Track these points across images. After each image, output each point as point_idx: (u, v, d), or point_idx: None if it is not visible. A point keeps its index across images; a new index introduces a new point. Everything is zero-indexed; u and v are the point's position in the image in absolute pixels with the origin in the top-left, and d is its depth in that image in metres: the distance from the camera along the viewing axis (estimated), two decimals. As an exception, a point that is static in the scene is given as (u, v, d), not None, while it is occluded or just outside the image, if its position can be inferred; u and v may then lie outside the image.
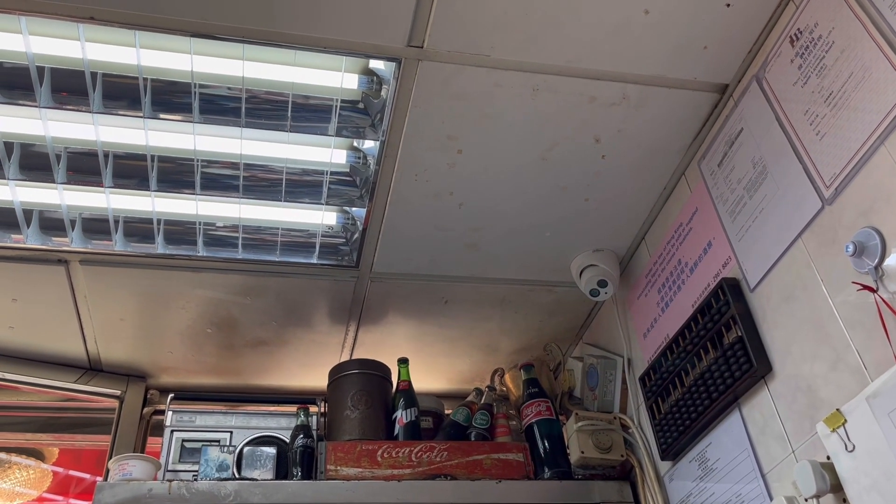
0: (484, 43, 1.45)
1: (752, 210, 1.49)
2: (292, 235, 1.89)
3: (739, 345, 1.45)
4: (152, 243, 1.83)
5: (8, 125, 1.56)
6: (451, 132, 1.63)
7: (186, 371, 2.25)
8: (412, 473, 1.82)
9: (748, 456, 1.45)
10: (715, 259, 1.61)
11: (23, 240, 1.77)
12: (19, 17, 1.35)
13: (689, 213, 1.73)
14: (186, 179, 1.70)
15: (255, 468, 1.80)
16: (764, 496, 1.40)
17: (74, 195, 1.72)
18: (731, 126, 1.58)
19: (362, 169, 1.75)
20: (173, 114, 1.56)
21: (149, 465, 1.73)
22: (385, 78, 1.54)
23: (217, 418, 1.96)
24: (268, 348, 2.21)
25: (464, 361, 2.37)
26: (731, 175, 1.57)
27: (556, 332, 2.27)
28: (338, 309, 2.08)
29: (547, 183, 1.76)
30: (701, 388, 1.56)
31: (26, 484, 2.60)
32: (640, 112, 1.62)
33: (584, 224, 1.89)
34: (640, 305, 1.93)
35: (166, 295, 1.97)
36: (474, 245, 1.92)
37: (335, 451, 1.82)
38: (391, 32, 1.41)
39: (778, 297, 1.40)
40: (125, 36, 1.42)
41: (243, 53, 1.47)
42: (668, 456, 1.72)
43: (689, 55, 1.52)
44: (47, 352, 2.11)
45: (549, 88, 1.55)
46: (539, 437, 1.94)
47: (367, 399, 1.97)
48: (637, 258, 1.97)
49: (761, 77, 1.49)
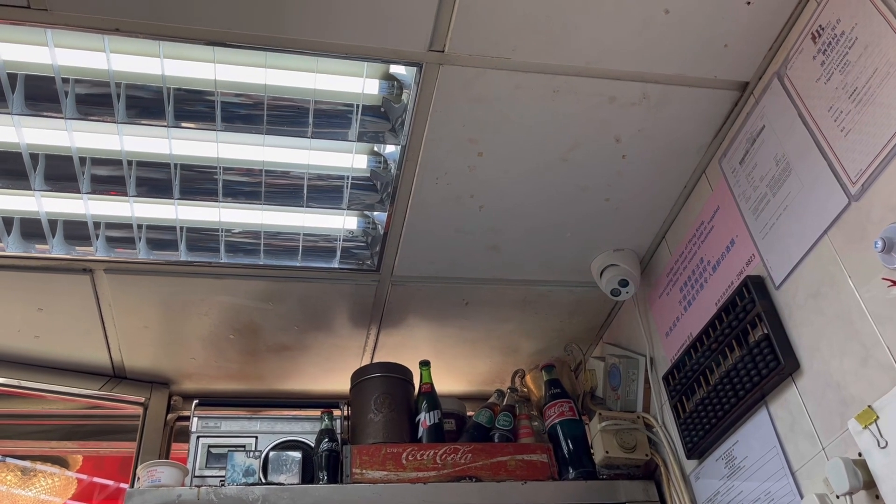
0: (505, 46, 1.45)
1: (775, 207, 1.49)
2: (313, 240, 1.90)
3: (766, 342, 1.45)
4: (175, 251, 1.84)
5: (34, 137, 1.57)
6: (472, 135, 1.63)
7: (209, 377, 2.27)
8: (437, 476, 1.83)
9: (777, 454, 1.45)
10: (738, 257, 1.61)
11: (48, 250, 1.78)
12: (45, 30, 1.37)
13: (710, 212, 1.73)
14: (209, 187, 1.71)
15: (281, 472, 1.81)
16: (794, 494, 1.40)
17: (98, 204, 1.73)
18: (752, 123, 1.58)
19: (383, 173, 1.75)
20: (196, 122, 1.57)
21: (177, 471, 1.74)
22: (406, 83, 1.55)
23: (242, 423, 1.97)
24: (289, 353, 2.22)
25: (484, 363, 2.37)
26: (753, 172, 1.57)
27: (576, 333, 2.27)
28: (359, 313, 2.09)
29: (567, 184, 1.77)
30: (727, 387, 1.56)
31: (51, 491, 2.62)
32: (661, 111, 1.62)
33: (605, 224, 1.89)
34: (662, 304, 1.93)
35: (189, 302, 1.98)
36: (495, 247, 1.92)
37: (360, 455, 1.83)
38: (412, 38, 1.42)
39: (804, 294, 1.40)
40: (149, 47, 1.43)
41: (266, 61, 1.48)
42: (694, 455, 1.71)
43: (710, 54, 1.52)
44: (72, 360, 2.13)
45: (570, 89, 1.55)
46: (563, 438, 1.94)
47: (391, 402, 1.98)
48: (658, 257, 1.97)
49: (783, 74, 1.49)
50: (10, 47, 1.41)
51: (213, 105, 1.53)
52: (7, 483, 2.56)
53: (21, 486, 2.58)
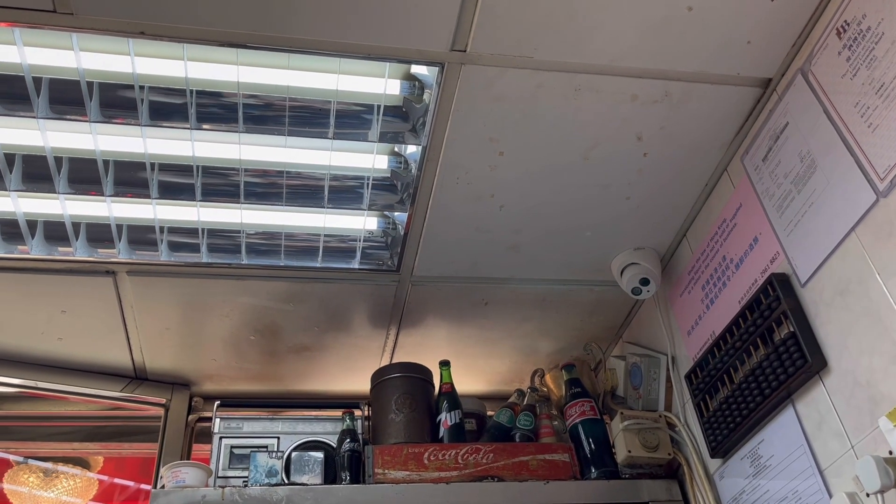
0: (527, 45, 1.45)
1: (800, 204, 1.48)
2: (334, 241, 1.90)
3: (792, 340, 1.44)
4: (197, 253, 1.85)
5: (58, 140, 1.58)
6: (493, 134, 1.63)
7: (230, 378, 2.28)
8: (459, 475, 1.83)
9: (804, 452, 1.44)
10: (762, 254, 1.60)
11: (71, 252, 1.79)
12: (71, 34, 1.38)
13: (732, 209, 1.72)
14: (231, 189, 1.72)
15: (303, 473, 1.82)
16: (822, 492, 1.39)
17: (121, 207, 1.74)
18: (775, 120, 1.57)
19: (403, 173, 1.76)
20: (218, 124, 1.58)
21: (201, 472, 1.74)
22: (427, 83, 1.55)
23: (264, 424, 1.98)
24: (309, 353, 2.22)
25: (503, 363, 2.37)
26: (776, 170, 1.56)
27: (595, 332, 2.27)
28: (379, 313, 2.10)
29: (588, 182, 1.76)
30: (752, 385, 1.55)
31: (73, 493, 2.63)
32: (682, 109, 1.61)
33: (626, 222, 1.88)
34: (683, 303, 1.92)
35: (210, 303, 1.99)
36: (515, 246, 1.92)
37: (382, 455, 1.83)
38: (435, 38, 1.42)
39: (831, 292, 1.39)
40: (173, 49, 1.44)
41: (288, 63, 1.48)
42: (718, 454, 1.71)
43: (732, 51, 1.51)
44: (94, 362, 2.15)
45: (592, 88, 1.55)
46: (584, 437, 1.94)
47: (412, 402, 1.98)
48: (678, 255, 1.96)
49: (807, 70, 1.48)
50: (35, 51, 1.42)
51: (235, 107, 1.54)
52: (29, 484, 2.58)
53: (43, 488, 2.60)
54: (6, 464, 2.56)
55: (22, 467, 2.57)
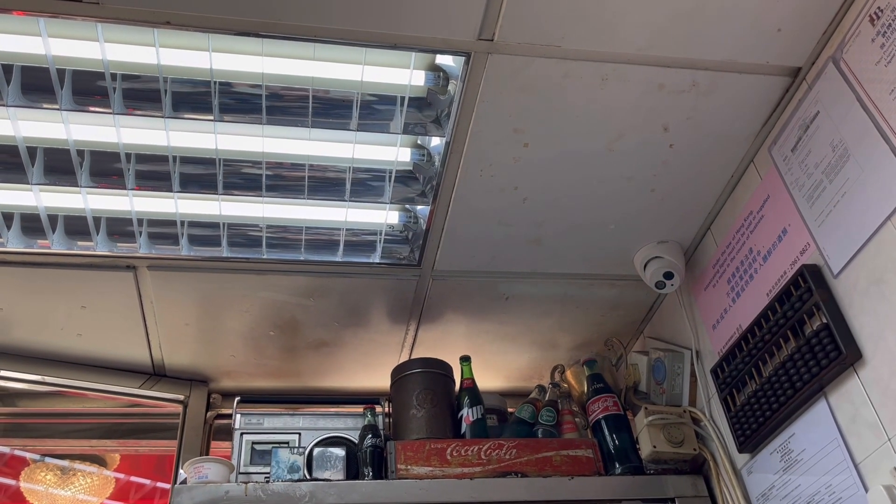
0: (555, 33, 1.43)
1: (832, 194, 1.46)
2: (354, 235, 1.89)
3: (825, 332, 1.42)
4: (218, 247, 1.84)
5: (81, 133, 1.57)
6: (518, 125, 1.61)
7: (248, 374, 2.26)
8: (483, 471, 1.81)
9: (838, 446, 1.42)
10: (791, 246, 1.58)
11: (92, 247, 1.78)
12: (96, 24, 1.37)
13: (759, 201, 1.70)
14: (252, 182, 1.70)
15: (325, 469, 1.80)
16: (857, 486, 1.37)
17: (143, 201, 1.73)
18: (805, 109, 1.55)
19: (426, 166, 1.74)
20: (241, 115, 1.56)
21: (223, 468, 1.73)
22: (452, 73, 1.53)
23: (284, 420, 1.97)
24: (328, 349, 2.21)
25: (522, 358, 2.35)
26: (806, 160, 1.54)
27: (616, 327, 2.25)
28: (399, 308, 2.08)
29: (612, 174, 1.74)
30: (782, 378, 1.53)
31: (89, 491, 2.63)
32: (710, 99, 1.59)
33: (649, 215, 1.86)
34: (708, 297, 1.90)
35: (230, 298, 1.98)
36: (537, 240, 1.90)
37: (404, 451, 1.82)
38: (462, 26, 1.40)
39: (865, 282, 1.37)
40: (197, 40, 1.43)
41: (314, 53, 1.47)
42: (747, 448, 1.68)
43: (762, 39, 1.49)
44: (113, 358, 2.14)
45: (619, 77, 1.53)
46: (608, 433, 1.92)
47: (433, 398, 1.97)
48: (703, 249, 1.94)
49: (838, 58, 1.46)
50: (59, 42, 1.41)
51: (259, 99, 1.53)
52: (46, 482, 2.57)
53: (60, 486, 2.60)
54: (23, 462, 2.56)
55: (39, 465, 2.57)
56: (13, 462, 2.51)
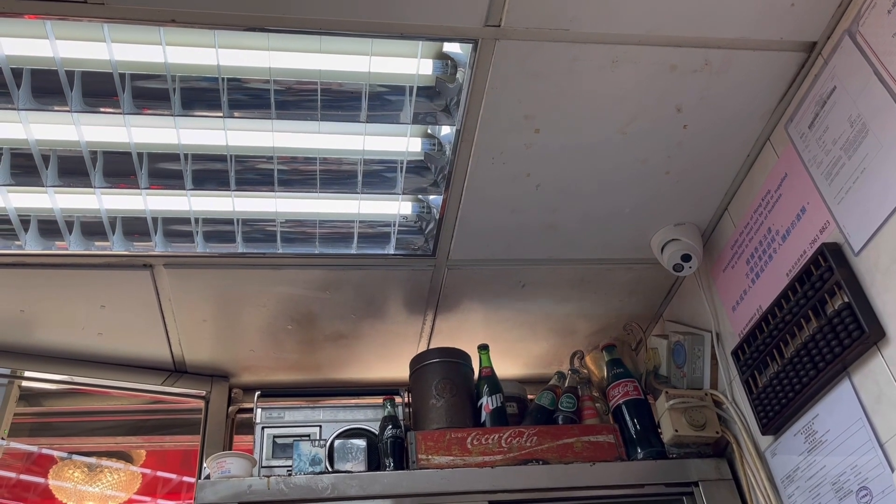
0: (562, 17, 1.41)
1: (851, 171, 1.43)
2: (368, 227, 1.89)
3: (847, 311, 1.39)
4: (233, 243, 1.85)
5: (92, 134, 1.58)
6: (528, 111, 1.60)
7: (267, 368, 2.28)
8: (504, 459, 1.81)
9: (863, 426, 1.40)
10: (811, 224, 1.55)
11: (109, 246, 1.80)
12: (102, 25, 1.37)
13: (777, 179, 1.67)
14: (264, 177, 1.70)
15: (347, 461, 1.81)
16: (883, 466, 1.35)
17: (157, 199, 1.74)
18: (821, 85, 1.52)
19: (437, 156, 1.73)
20: (251, 111, 1.56)
21: (246, 462, 1.74)
22: (460, 61, 1.52)
23: (305, 413, 1.98)
24: (346, 341, 2.21)
25: (540, 346, 2.34)
26: (824, 136, 1.51)
27: (634, 311, 2.23)
28: (415, 298, 2.08)
29: (626, 158, 1.72)
30: (804, 359, 1.51)
31: (117, 487, 2.66)
32: (723, 77, 1.57)
33: (665, 198, 1.84)
34: (727, 278, 1.87)
35: (247, 294, 1.99)
36: (552, 226, 1.89)
37: (425, 441, 1.82)
38: (468, 13, 1.38)
39: (888, 259, 1.34)
40: (204, 37, 1.43)
41: (320, 46, 1.46)
42: (770, 430, 1.67)
43: (775, 14, 1.46)
44: (134, 356, 2.16)
45: (629, 59, 1.51)
46: (629, 418, 1.91)
47: (452, 387, 1.96)
48: (720, 230, 1.91)
49: (854, 31, 1.42)
50: (66, 44, 1.41)
51: (267, 94, 1.52)
52: (74, 480, 2.61)
53: (87, 483, 2.63)
54: (51, 460, 2.60)
55: (66, 463, 2.60)
56: (41, 460, 2.55)
